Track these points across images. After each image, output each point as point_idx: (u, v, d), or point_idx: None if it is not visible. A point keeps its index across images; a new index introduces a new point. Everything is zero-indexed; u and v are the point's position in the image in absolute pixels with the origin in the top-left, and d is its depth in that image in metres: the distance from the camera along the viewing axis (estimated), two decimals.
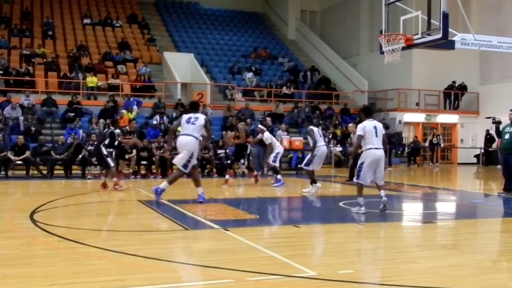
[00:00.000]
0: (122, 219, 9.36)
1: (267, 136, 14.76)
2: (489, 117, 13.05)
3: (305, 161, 12.50)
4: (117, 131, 13.44)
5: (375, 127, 9.08)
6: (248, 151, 15.28)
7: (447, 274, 5.50)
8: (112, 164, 12.80)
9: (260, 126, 15.77)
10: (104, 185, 12.86)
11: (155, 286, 4.92)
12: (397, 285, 5.02)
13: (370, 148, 9.01)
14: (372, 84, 28.75)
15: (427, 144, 26.05)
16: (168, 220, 8.51)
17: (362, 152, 9.17)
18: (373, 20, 28.40)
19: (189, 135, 10.20)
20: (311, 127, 12.36)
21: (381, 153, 9.08)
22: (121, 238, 7.18)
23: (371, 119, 9.27)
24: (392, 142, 22.93)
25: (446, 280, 5.31)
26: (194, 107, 10.74)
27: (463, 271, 5.64)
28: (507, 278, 5.41)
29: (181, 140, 10.24)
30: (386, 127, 13.76)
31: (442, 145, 26.12)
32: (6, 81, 23.35)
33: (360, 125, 9.15)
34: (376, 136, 9.03)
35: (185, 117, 10.49)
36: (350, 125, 16.21)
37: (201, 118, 10.39)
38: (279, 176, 14.03)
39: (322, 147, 12.14)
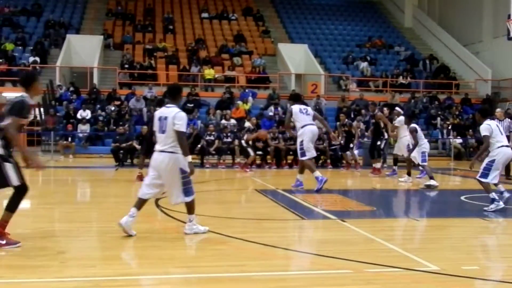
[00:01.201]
0: (240, 207, 9.62)
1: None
2: None
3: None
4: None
5: (497, 126, 8.80)
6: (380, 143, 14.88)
7: None
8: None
9: (397, 109, 14.86)
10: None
11: (274, 273, 5.03)
12: None
13: (502, 146, 8.61)
14: (496, 73, 27.11)
15: None
16: (284, 209, 8.61)
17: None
18: (497, 4, 26.73)
19: (312, 124, 10.88)
20: (414, 125, 12.39)
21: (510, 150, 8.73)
22: (239, 226, 7.38)
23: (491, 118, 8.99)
24: None
25: None
26: (298, 98, 11.32)
27: None
28: None
29: (313, 130, 10.86)
30: (510, 117, 12.94)
31: None
32: (131, 75, 24.75)
33: (483, 126, 8.74)
34: (502, 133, 8.73)
35: (296, 107, 10.75)
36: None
37: (309, 108, 11.25)
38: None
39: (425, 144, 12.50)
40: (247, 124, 17.87)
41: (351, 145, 16.88)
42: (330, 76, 26.82)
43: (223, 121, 20.23)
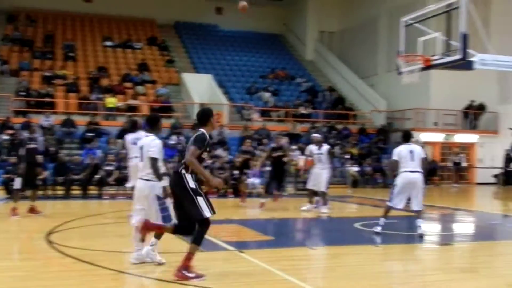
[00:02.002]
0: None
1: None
2: (511, 128, 12.86)
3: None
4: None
5: (411, 151, 9.12)
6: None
7: None
8: None
9: (316, 135, 14.27)
10: None
11: None
12: None
13: (404, 171, 9.04)
14: (389, 104, 28.65)
15: (449, 163, 25.78)
16: (182, 242, 8.49)
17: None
18: (391, 41, 28.37)
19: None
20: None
21: (414, 176, 9.04)
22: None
23: (409, 144, 9.30)
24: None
25: None
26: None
27: None
28: None
29: None
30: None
31: (464, 165, 25.88)
32: (28, 102, 23.72)
33: (395, 150, 9.25)
34: (412, 160, 9.05)
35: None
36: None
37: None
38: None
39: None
40: None
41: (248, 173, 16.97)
42: (233, 106, 27.11)
43: (124, 151, 19.77)
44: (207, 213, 5.91)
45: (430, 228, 10.30)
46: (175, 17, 35.27)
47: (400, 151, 9.14)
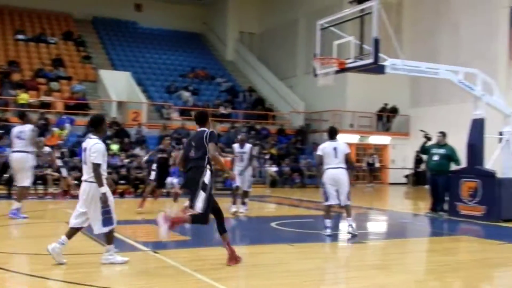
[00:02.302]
0: (47, 241, 9.00)
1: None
2: (423, 131, 13.43)
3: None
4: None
5: (335, 148, 9.29)
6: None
7: None
8: None
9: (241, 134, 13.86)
10: None
11: None
12: None
13: (328, 168, 9.25)
14: (308, 106, 29.27)
15: (364, 164, 26.64)
16: (96, 243, 8.26)
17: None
18: (309, 44, 28.93)
19: None
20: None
21: (338, 172, 9.24)
22: (43, 262, 6.89)
23: (334, 140, 9.46)
24: None
25: None
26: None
27: None
28: None
29: None
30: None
31: (377, 165, 26.85)
32: None
33: (320, 145, 9.49)
34: (336, 157, 9.23)
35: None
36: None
37: None
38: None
39: None
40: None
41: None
42: (152, 105, 26.72)
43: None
44: (199, 210, 6.44)
45: (344, 227, 10.56)
46: (92, 13, 34.36)
47: (325, 147, 9.36)
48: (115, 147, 20.46)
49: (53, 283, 5.67)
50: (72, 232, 6.69)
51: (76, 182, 16.76)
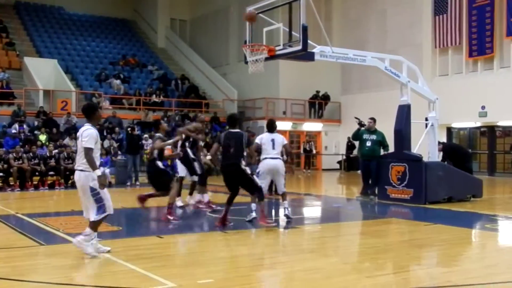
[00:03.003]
0: None
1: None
2: (357, 118, 13.72)
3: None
4: None
5: (272, 140, 9.50)
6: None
7: (303, 278, 5.68)
8: None
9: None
10: None
11: None
12: None
13: (265, 158, 9.44)
14: (241, 93, 29.28)
15: (301, 151, 26.94)
16: (23, 236, 7.98)
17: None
18: (241, 31, 28.80)
19: None
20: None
21: (275, 162, 9.46)
22: None
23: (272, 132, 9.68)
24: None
25: (302, 284, 5.48)
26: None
27: (318, 274, 5.85)
28: (358, 279, 5.69)
29: None
30: (252, 134, 14.08)
31: (314, 152, 27.26)
32: None
33: (259, 136, 9.84)
34: (273, 148, 9.43)
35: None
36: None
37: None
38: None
39: None
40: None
41: None
42: (82, 93, 25.97)
43: None
44: (258, 184, 8.76)
45: (280, 212, 10.67)
46: None
47: (262, 138, 9.60)
48: (43, 137, 19.77)
49: None
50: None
51: (2, 174, 16.15)
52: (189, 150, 10.96)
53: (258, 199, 8.73)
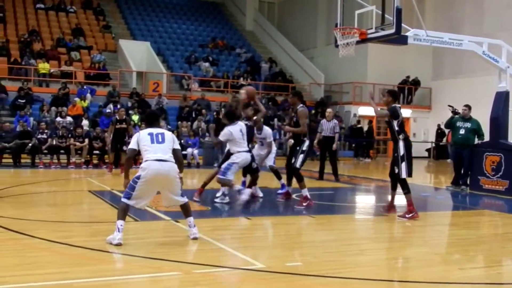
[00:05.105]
0: (72, 209, 9.16)
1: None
2: (450, 106, 13.25)
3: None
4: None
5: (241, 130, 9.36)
6: None
7: (393, 266, 5.60)
8: None
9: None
10: None
11: (98, 279, 4.82)
12: (344, 277, 5.06)
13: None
14: (328, 77, 29.01)
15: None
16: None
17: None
18: (330, 14, 28.58)
19: None
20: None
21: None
22: (68, 230, 7.02)
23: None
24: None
25: (392, 273, 5.40)
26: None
27: (408, 263, 5.75)
28: (449, 270, 5.53)
29: None
30: (340, 120, 13.94)
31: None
32: None
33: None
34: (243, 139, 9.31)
35: None
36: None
37: None
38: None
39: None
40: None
41: None
42: (172, 75, 26.72)
43: (58, 119, 19.16)
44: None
45: (364, 200, 10.56)
46: None
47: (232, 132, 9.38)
48: (136, 117, 20.53)
49: (74, 250, 5.75)
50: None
51: (98, 152, 16.96)
52: None
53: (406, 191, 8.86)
